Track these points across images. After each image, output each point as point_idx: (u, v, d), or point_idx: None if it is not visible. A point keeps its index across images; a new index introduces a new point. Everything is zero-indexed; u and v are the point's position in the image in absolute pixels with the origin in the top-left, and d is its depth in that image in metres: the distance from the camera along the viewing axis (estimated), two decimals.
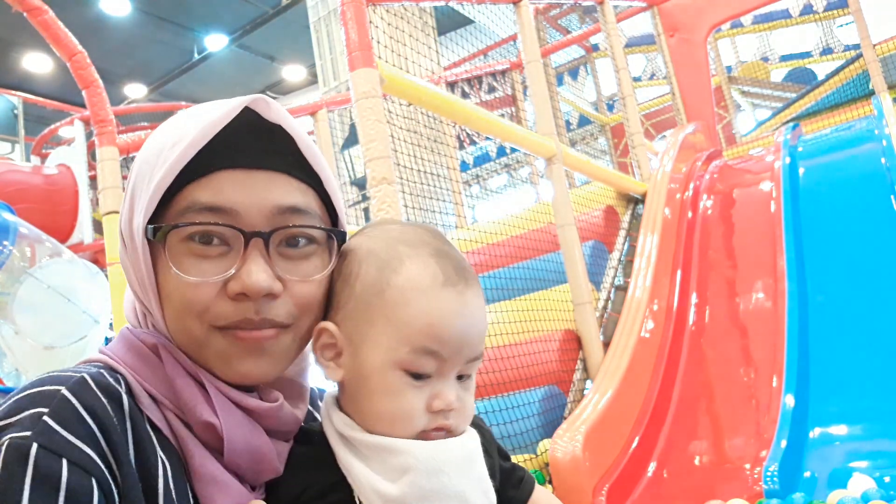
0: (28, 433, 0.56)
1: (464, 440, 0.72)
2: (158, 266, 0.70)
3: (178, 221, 0.68)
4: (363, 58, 2.02)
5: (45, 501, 0.54)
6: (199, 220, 0.68)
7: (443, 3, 3.35)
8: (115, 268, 2.78)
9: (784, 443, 2.32)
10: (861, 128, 4.15)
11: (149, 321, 0.74)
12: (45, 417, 0.58)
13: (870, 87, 4.84)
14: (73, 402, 0.60)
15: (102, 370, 0.67)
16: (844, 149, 4.05)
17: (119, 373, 0.68)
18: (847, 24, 6.81)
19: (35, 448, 0.56)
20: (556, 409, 2.67)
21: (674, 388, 2.88)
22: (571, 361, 2.83)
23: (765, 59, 7.87)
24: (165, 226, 0.68)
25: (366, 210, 5.78)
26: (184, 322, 0.69)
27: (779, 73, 7.87)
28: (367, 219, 4.84)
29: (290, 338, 0.73)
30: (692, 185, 4.05)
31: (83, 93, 2.97)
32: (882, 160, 3.48)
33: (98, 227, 5.45)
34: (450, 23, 8.49)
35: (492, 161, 8.35)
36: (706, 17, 5.38)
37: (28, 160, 7.60)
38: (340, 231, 0.77)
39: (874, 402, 2.53)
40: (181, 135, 0.69)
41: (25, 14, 2.91)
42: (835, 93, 6.13)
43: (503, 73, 5.94)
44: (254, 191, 0.70)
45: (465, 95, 5.81)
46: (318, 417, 0.83)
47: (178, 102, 7.95)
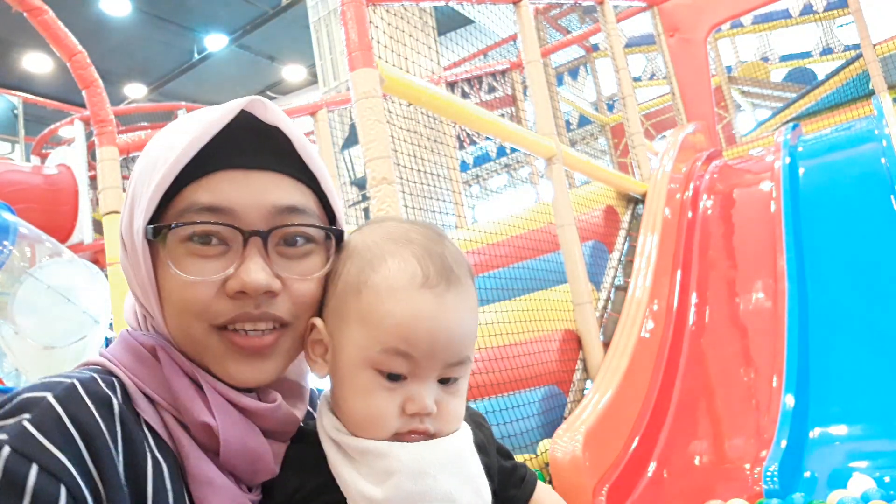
0: (5, 436, 0.58)
1: (451, 440, 0.72)
2: (158, 267, 0.71)
3: (177, 222, 0.69)
4: (363, 58, 2.03)
5: (8, 503, 0.55)
6: (198, 220, 0.69)
7: (443, 3, 3.35)
8: (115, 268, 2.79)
9: (784, 443, 2.33)
10: (861, 128, 4.15)
11: (149, 324, 0.74)
12: (25, 422, 0.59)
13: (870, 87, 4.83)
14: (57, 409, 0.60)
15: (96, 375, 0.67)
16: (844, 149, 4.05)
17: (115, 375, 0.68)
18: (847, 24, 6.81)
19: (7, 451, 0.57)
20: (556, 409, 2.67)
21: (674, 388, 2.88)
22: (571, 361, 2.83)
23: (765, 59, 7.87)
24: (165, 226, 0.69)
25: (366, 210, 5.78)
26: (184, 322, 0.70)
27: (779, 73, 7.87)
28: (367, 219, 4.83)
29: (290, 338, 0.74)
30: (692, 185, 4.05)
31: (83, 93, 2.98)
32: (882, 160, 3.48)
33: (98, 227, 5.45)
34: (450, 23, 8.50)
35: (492, 161, 8.35)
36: (706, 17, 5.38)
37: (28, 160, 7.59)
38: (338, 229, 0.77)
39: (874, 402, 2.53)
40: (179, 138, 0.70)
41: (25, 14, 2.92)
42: (835, 93, 6.13)
43: (503, 73, 5.94)
44: (252, 191, 0.70)
45: (465, 95, 5.81)
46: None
47: (178, 102, 7.93)
